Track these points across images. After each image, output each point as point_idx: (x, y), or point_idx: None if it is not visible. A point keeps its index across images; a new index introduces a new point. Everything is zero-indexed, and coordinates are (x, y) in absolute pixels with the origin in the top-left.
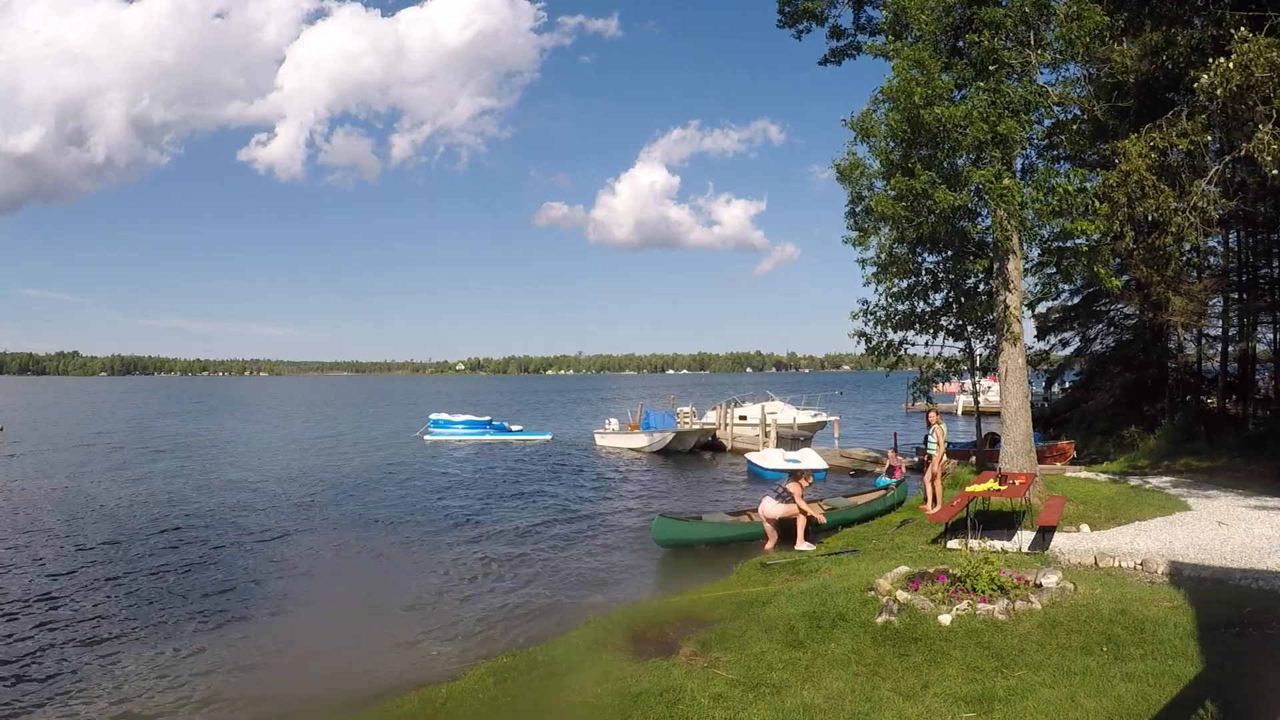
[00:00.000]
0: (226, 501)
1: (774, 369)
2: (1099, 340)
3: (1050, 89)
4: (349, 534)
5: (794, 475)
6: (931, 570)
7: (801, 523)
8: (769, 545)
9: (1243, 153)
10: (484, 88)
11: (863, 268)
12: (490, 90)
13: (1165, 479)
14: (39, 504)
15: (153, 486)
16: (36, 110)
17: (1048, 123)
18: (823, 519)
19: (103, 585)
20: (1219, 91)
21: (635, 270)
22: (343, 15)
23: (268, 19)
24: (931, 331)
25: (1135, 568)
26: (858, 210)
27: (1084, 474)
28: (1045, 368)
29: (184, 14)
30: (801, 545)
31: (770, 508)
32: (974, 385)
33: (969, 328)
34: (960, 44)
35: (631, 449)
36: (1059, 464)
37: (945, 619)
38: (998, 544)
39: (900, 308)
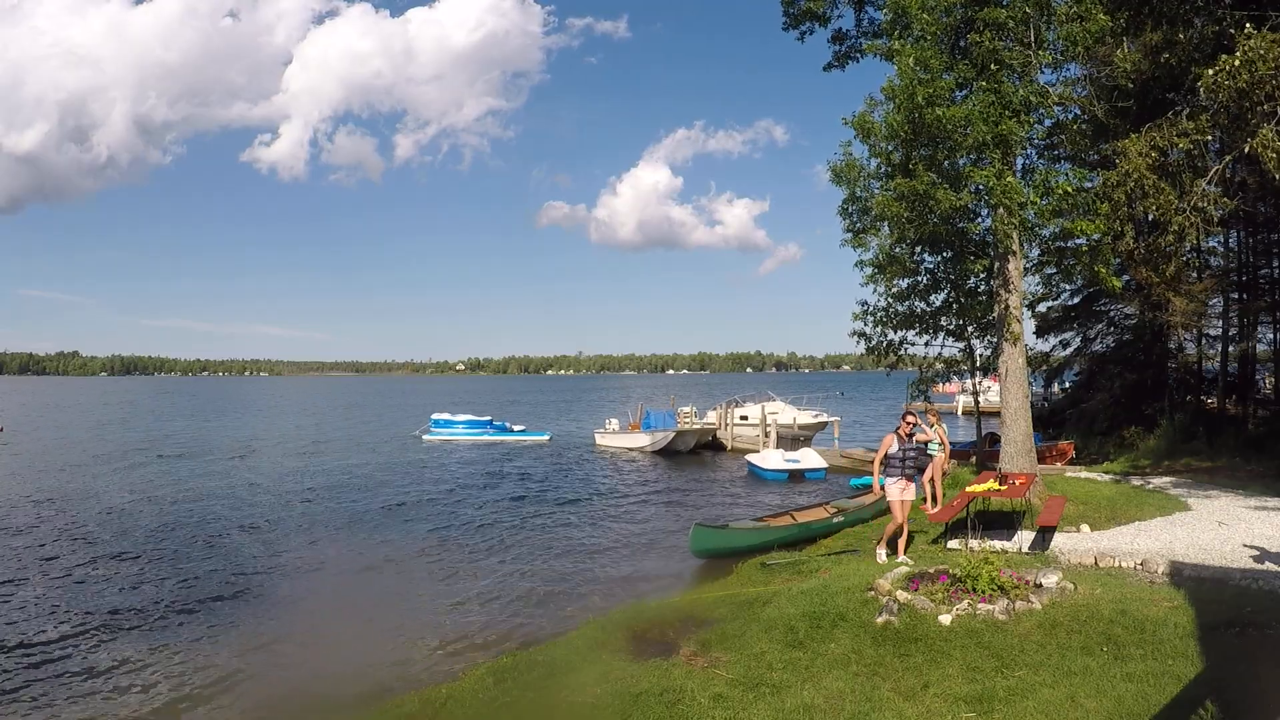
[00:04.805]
0: (227, 502)
1: (774, 369)
2: (1099, 340)
3: (1051, 89)
4: (350, 534)
5: (904, 416)
6: (931, 570)
7: (891, 528)
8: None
9: (1246, 151)
10: (490, 88)
11: (861, 269)
12: (495, 91)
13: (1165, 479)
14: (36, 505)
15: (152, 487)
16: (39, 108)
17: (1048, 123)
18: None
19: (102, 585)
20: (1222, 91)
21: (636, 270)
22: (350, 15)
23: (278, 20)
24: (931, 332)
25: (1135, 568)
26: (851, 210)
27: (1084, 474)
28: (1045, 368)
29: (193, 15)
30: (880, 551)
31: (886, 487)
32: (974, 385)
33: (969, 328)
34: (962, 43)
35: (632, 449)
36: (1059, 464)
37: (945, 619)
38: (998, 544)
39: (900, 308)
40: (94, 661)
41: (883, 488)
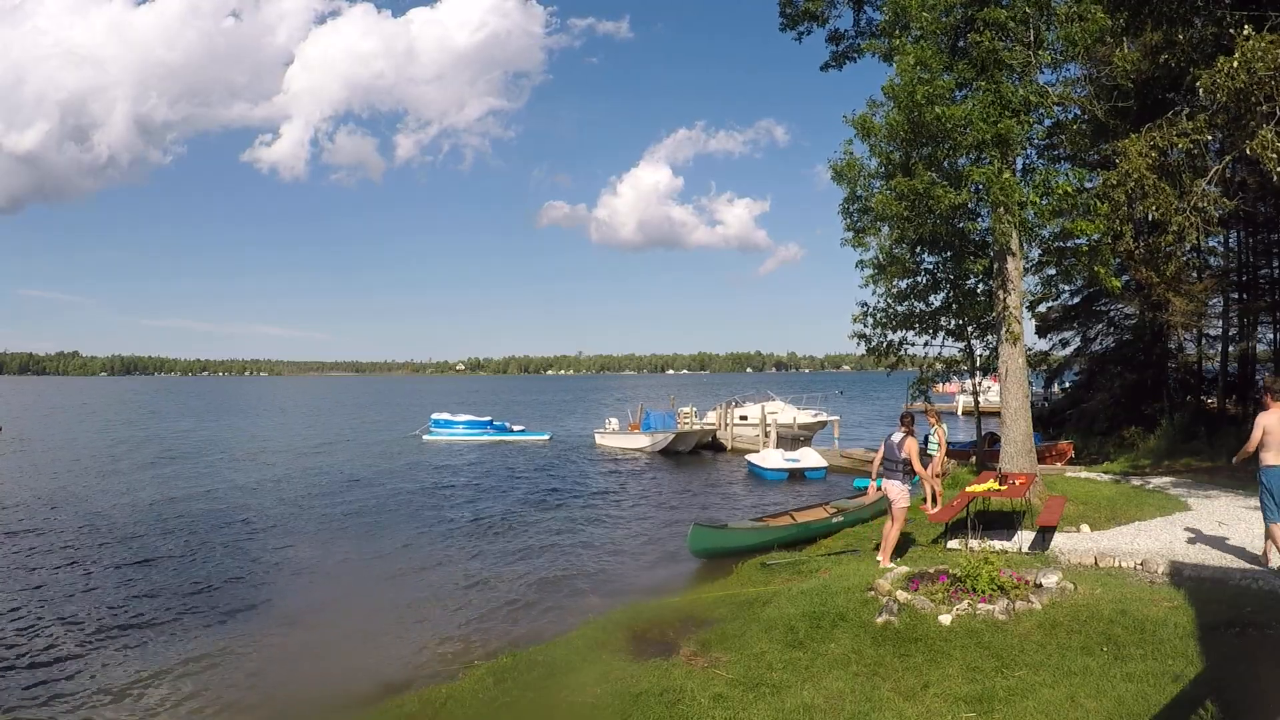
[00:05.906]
0: (228, 503)
1: (774, 369)
2: (1099, 340)
3: (1050, 89)
4: (350, 535)
5: (904, 422)
6: (931, 570)
7: (897, 533)
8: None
9: (1246, 152)
10: (491, 88)
11: (861, 270)
12: (497, 91)
13: (1165, 479)
14: (37, 505)
15: (152, 488)
16: (40, 107)
17: (1048, 122)
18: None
19: (102, 586)
20: (1221, 92)
21: (636, 270)
22: (352, 15)
23: (280, 20)
24: (931, 332)
25: (1135, 568)
26: (852, 209)
27: (1084, 474)
28: (1045, 368)
29: (195, 15)
30: (885, 563)
31: (894, 490)
32: (974, 385)
33: (969, 328)
34: (961, 43)
35: (632, 449)
36: (1059, 464)
37: (945, 619)
38: (998, 544)
39: (900, 308)
40: (94, 664)
41: (902, 489)
